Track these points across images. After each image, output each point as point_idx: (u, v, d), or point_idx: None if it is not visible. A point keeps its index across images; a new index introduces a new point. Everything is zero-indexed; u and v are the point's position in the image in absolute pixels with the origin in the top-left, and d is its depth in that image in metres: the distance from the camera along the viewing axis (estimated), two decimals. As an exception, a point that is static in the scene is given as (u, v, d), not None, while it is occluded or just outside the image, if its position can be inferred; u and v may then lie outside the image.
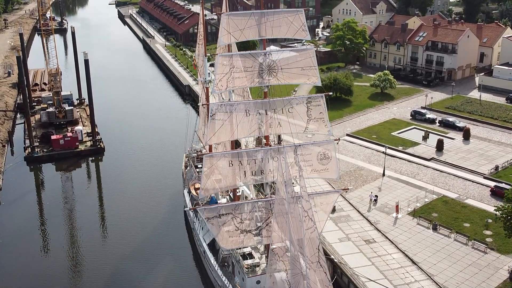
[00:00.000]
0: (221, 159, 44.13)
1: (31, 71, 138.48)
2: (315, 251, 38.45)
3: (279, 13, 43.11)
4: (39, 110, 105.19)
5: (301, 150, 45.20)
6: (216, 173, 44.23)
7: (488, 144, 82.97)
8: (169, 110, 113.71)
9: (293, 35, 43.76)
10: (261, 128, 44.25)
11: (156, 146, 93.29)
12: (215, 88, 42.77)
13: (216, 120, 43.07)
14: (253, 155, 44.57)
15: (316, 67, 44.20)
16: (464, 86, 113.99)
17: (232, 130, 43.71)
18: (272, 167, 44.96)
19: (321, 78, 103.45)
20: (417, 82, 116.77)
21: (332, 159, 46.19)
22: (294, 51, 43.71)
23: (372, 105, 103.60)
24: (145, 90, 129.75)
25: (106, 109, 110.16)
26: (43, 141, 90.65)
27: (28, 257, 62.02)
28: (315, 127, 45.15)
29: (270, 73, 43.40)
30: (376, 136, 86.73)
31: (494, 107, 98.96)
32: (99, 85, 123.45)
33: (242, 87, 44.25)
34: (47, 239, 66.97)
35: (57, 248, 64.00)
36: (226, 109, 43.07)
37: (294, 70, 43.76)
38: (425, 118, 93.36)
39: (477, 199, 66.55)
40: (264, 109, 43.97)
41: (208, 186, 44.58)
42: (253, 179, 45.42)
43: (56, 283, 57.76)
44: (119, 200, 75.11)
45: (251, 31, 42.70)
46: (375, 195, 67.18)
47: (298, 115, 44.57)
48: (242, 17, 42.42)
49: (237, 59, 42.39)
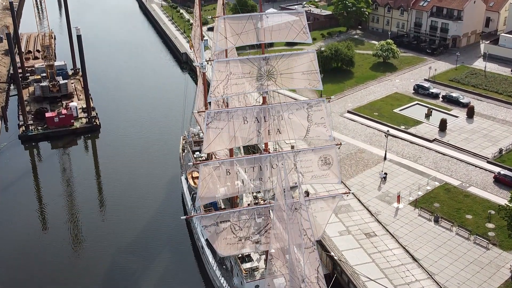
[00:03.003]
0: (217, 167, 42.53)
1: (24, 36, 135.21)
2: (314, 272, 37.43)
3: (279, 15, 40.53)
4: (33, 81, 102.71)
5: (301, 157, 43.58)
6: (213, 182, 42.71)
7: (492, 123, 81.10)
8: (166, 80, 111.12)
9: (294, 39, 41.32)
10: (259, 135, 42.39)
11: (152, 121, 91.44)
12: (211, 95, 40.66)
13: (211, 129, 41.19)
14: (252, 162, 42.91)
15: (317, 71, 41.91)
16: (469, 54, 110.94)
17: (230, 138, 41.89)
18: (271, 174, 43.42)
19: (322, 48, 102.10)
20: (420, 50, 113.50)
21: (333, 164, 44.55)
22: (294, 55, 41.32)
23: (374, 76, 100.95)
24: (140, 56, 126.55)
25: (100, 79, 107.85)
26: (37, 118, 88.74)
27: (24, 238, 62.35)
28: (316, 133, 43.23)
29: (269, 78, 41.22)
30: (378, 114, 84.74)
31: (499, 79, 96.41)
32: (93, 52, 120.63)
33: (239, 94, 42.07)
34: (43, 220, 66.86)
35: (54, 229, 64.46)
36: (223, 117, 41.11)
37: (295, 74, 41.54)
38: (428, 93, 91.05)
39: (480, 186, 65.32)
40: (263, 115, 41.99)
41: (205, 195, 43.14)
42: (251, 187, 43.94)
43: (53, 264, 58.23)
44: (116, 181, 74.15)
45: (248, 36, 40.27)
46: (384, 173, 67.41)
47: (298, 121, 42.61)
48: (239, 20, 39.86)
49: (234, 65, 40.11)
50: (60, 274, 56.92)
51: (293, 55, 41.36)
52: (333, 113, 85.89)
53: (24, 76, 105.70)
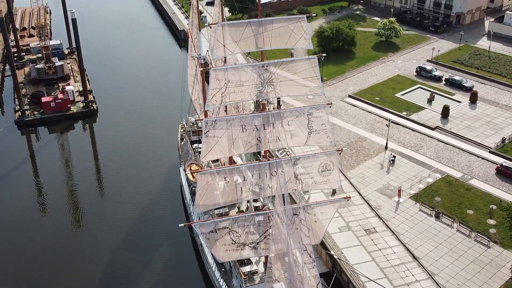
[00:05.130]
0: (216, 176, 41.62)
1: (19, 10, 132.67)
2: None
3: (279, 21, 38.84)
4: (28, 61, 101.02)
5: (301, 163, 42.65)
6: (211, 190, 41.88)
7: (496, 109, 79.83)
8: (164, 59, 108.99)
9: (294, 45, 39.84)
10: (259, 143, 41.34)
11: (151, 103, 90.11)
12: (208, 103, 39.48)
13: (210, 137, 40.13)
14: (251, 171, 42.00)
15: (318, 77, 40.56)
16: (473, 32, 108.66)
17: (228, 147, 40.87)
18: (270, 182, 42.57)
19: (323, 28, 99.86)
20: (423, 27, 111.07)
21: (333, 170, 43.65)
22: (294, 61, 39.92)
23: (376, 57, 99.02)
24: (138, 33, 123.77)
25: (97, 58, 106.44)
26: (33, 102, 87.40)
27: (22, 224, 62.85)
28: (316, 140, 42.17)
29: (268, 86, 39.92)
30: (380, 98, 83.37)
31: (504, 60, 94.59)
32: (89, 30, 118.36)
33: (238, 101, 40.82)
34: (42, 207, 67.05)
35: (52, 215, 65.07)
36: (221, 125, 39.99)
37: (295, 81, 40.22)
38: (431, 76, 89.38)
39: (482, 179, 64.60)
40: (262, 123, 40.85)
41: (204, 203, 42.36)
42: (250, 194, 43.15)
43: (50, 249, 58.97)
44: (114, 168, 73.92)
45: (247, 43, 38.75)
46: (393, 155, 67.79)
47: (298, 128, 41.50)
48: (238, 27, 38.26)
49: (232, 73, 38.77)
50: (58, 260, 57.64)
51: (293, 61, 39.98)
52: (334, 97, 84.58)
53: (19, 56, 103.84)
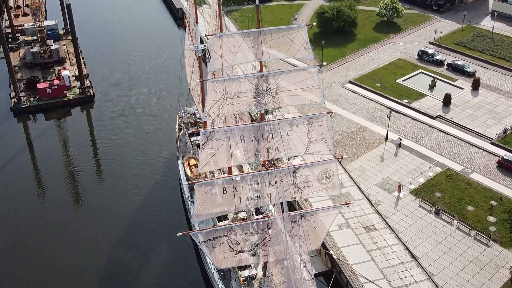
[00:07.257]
0: (214, 186, 41.02)
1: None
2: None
3: (278, 31, 37.58)
4: (23, 43, 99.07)
5: (300, 172, 42.01)
6: (209, 200, 41.34)
7: (498, 97, 78.72)
8: (162, 39, 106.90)
9: (294, 55, 38.69)
10: (257, 154, 40.60)
11: (148, 87, 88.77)
12: (206, 115, 38.56)
13: (207, 149, 39.37)
14: (249, 180, 41.37)
15: (318, 86, 39.57)
16: (476, 11, 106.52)
17: (227, 157, 40.16)
18: (269, 191, 42.01)
19: (324, 8, 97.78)
20: (426, 6, 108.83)
21: (333, 177, 43.05)
22: (294, 71, 38.85)
23: (377, 39, 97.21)
24: (135, 12, 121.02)
25: (93, 39, 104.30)
26: (29, 87, 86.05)
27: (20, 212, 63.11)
28: (316, 149, 41.46)
29: (267, 96, 38.95)
30: (380, 85, 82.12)
31: (507, 43, 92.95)
32: (84, 8, 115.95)
33: (236, 112, 39.86)
34: (40, 195, 67.03)
35: (50, 202, 65.17)
36: (219, 136, 39.19)
37: (294, 92, 39.26)
38: (432, 60, 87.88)
39: (483, 172, 64.09)
40: (261, 133, 40.03)
41: (201, 212, 41.87)
42: (249, 204, 42.63)
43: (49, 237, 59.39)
44: (112, 156, 73.37)
45: (245, 54, 37.59)
46: (399, 139, 68.79)
47: (298, 137, 40.71)
48: (236, 38, 37.05)
49: (230, 84, 37.74)
50: (56, 249, 58.02)
51: (293, 71, 38.95)
52: (334, 83, 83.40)
53: (14, 37, 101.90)
